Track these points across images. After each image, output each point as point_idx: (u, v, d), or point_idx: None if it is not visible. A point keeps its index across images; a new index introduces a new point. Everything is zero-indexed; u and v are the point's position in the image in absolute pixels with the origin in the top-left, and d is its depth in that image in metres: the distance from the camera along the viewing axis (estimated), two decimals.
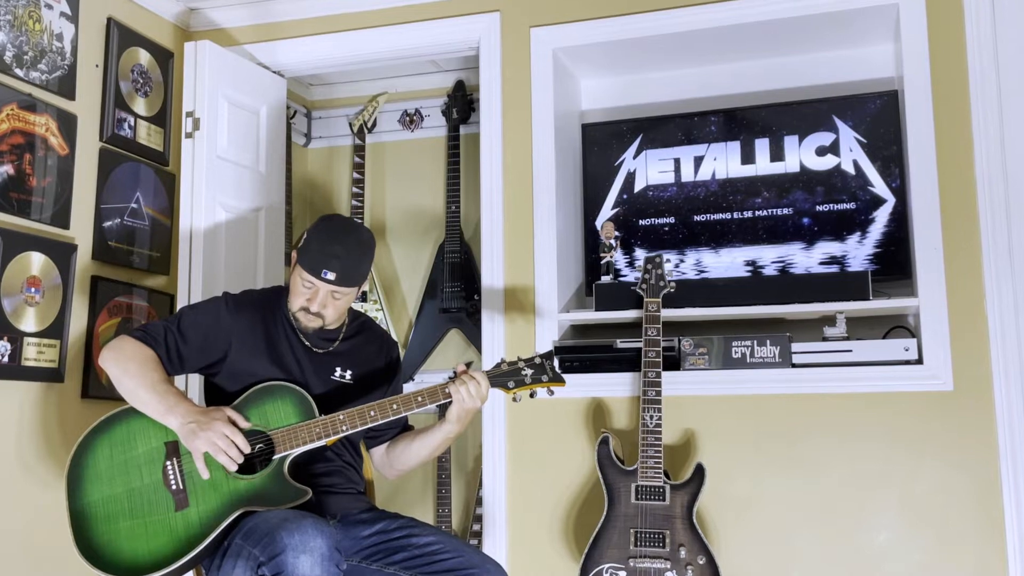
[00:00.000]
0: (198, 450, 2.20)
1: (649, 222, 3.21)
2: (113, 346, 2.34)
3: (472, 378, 2.31)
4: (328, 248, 2.33)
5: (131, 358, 2.30)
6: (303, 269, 2.35)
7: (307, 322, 2.39)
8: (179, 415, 2.23)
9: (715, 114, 3.18)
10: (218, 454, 2.19)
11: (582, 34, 3.13)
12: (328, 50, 3.38)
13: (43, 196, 2.85)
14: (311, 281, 2.35)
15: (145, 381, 2.26)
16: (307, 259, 2.34)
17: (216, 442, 2.18)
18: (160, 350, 2.34)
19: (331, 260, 2.32)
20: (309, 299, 2.36)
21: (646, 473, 2.72)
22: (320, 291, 2.35)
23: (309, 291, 2.36)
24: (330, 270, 2.32)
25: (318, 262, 2.33)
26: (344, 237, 2.37)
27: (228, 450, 2.18)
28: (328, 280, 2.33)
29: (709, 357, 2.87)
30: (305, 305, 2.37)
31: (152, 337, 2.35)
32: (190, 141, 3.10)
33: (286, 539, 2.02)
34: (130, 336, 2.35)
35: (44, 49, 2.88)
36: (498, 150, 3.17)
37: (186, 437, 2.21)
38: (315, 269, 2.33)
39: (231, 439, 2.19)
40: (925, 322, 2.74)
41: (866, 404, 2.77)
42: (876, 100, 3.02)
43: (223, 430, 2.19)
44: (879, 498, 2.75)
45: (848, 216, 3.02)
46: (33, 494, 2.79)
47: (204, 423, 2.20)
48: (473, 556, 2.30)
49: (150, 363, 2.30)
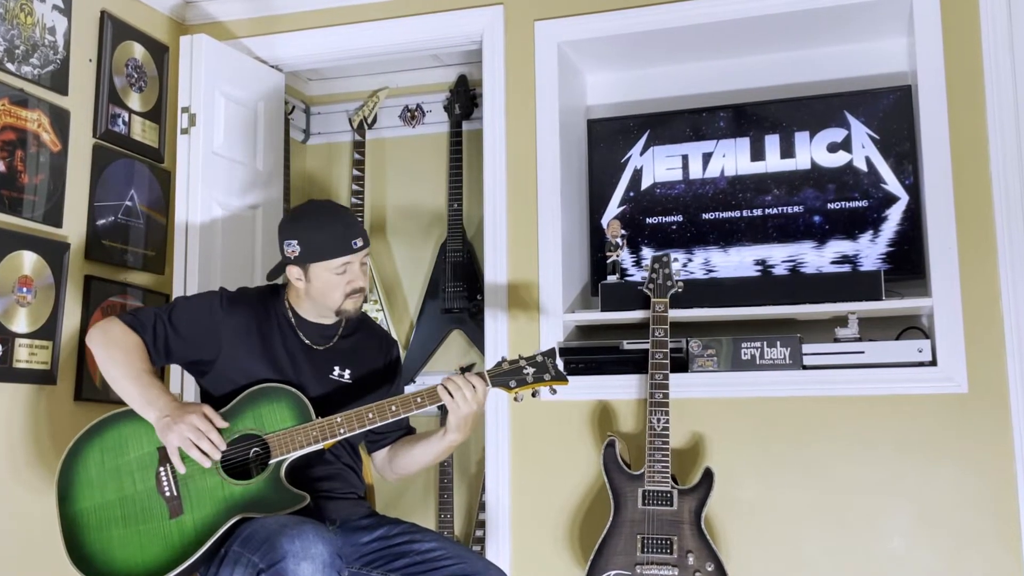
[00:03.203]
0: (171, 445, 2.19)
1: (656, 220, 3.21)
2: (101, 327, 2.34)
3: (466, 383, 2.27)
4: (336, 227, 2.35)
5: (117, 343, 2.30)
6: (328, 260, 2.33)
7: (355, 304, 2.40)
8: (157, 409, 2.22)
9: (724, 110, 3.18)
10: (190, 449, 2.17)
11: (588, 27, 3.12)
12: (327, 44, 3.38)
13: (35, 194, 2.84)
14: (344, 262, 2.34)
15: (130, 371, 2.26)
16: (326, 249, 2.33)
17: (187, 436, 2.17)
18: (147, 337, 2.33)
19: (348, 230, 2.35)
20: (350, 280, 2.36)
21: (653, 477, 2.72)
22: (355, 264, 2.37)
23: (344, 275, 2.36)
24: (356, 237, 2.35)
25: (341, 241, 2.34)
26: (335, 211, 2.43)
27: (199, 442, 2.16)
28: (359, 248, 2.36)
29: (718, 359, 2.86)
30: (349, 289, 2.37)
31: (141, 323, 2.35)
32: (186, 137, 3.09)
33: (286, 545, 2.00)
34: (120, 319, 2.35)
35: (36, 43, 2.87)
36: (501, 146, 3.16)
37: (161, 432, 2.21)
38: (342, 248, 2.33)
39: (203, 433, 2.17)
40: (939, 323, 2.73)
41: (879, 407, 2.77)
42: (889, 95, 3.02)
43: (196, 423, 2.18)
44: (892, 503, 2.74)
45: (860, 214, 3.03)
46: (24, 500, 2.77)
47: (177, 417, 2.19)
48: (476, 562, 2.30)
49: (136, 351, 2.30)
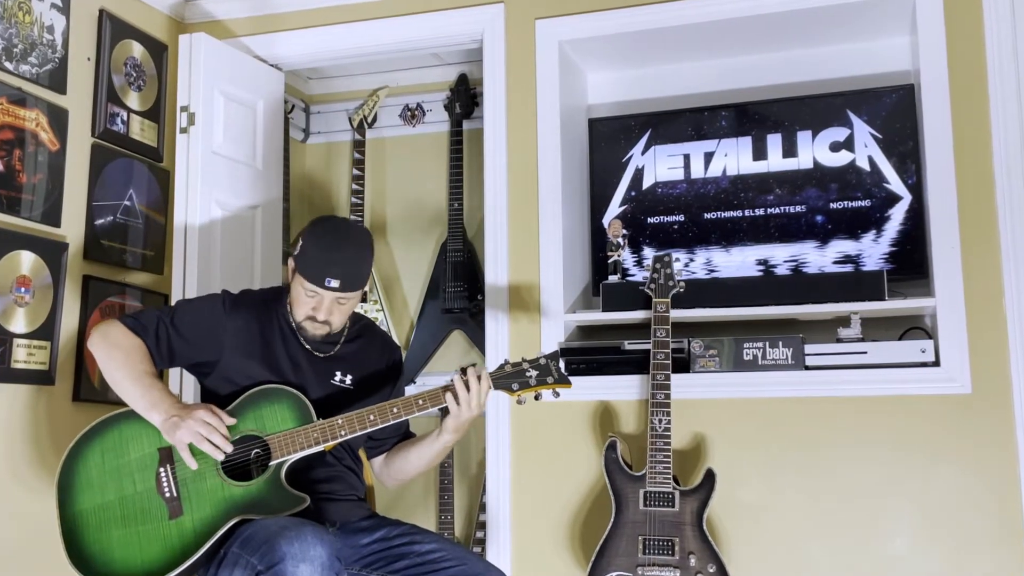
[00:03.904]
0: (181, 441, 2.18)
1: (658, 220, 3.20)
2: (102, 330, 2.32)
3: (466, 387, 2.25)
4: (328, 255, 2.29)
5: (118, 346, 2.28)
6: (304, 279, 2.31)
7: (314, 330, 2.36)
8: (162, 410, 2.21)
9: (726, 109, 3.17)
10: (202, 443, 2.17)
11: (589, 26, 3.11)
12: (327, 43, 3.36)
13: (33, 193, 2.83)
14: (314, 290, 2.30)
15: (131, 372, 2.25)
16: (307, 268, 2.30)
17: (198, 431, 2.16)
18: (150, 341, 2.32)
19: (332, 267, 2.28)
20: (315, 307, 2.32)
21: (655, 479, 2.71)
22: (325, 299, 2.31)
23: (313, 299, 2.32)
24: (333, 278, 2.28)
25: (320, 271, 2.28)
26: (343, 241, 2.34)
27: (211, 436, 2.16)
28: (332, 288, 2.28)
29: (720, 359, 2.85)
30: (311, 314, 2.33)
31: (143, 326, 2.33)
32: (185, 136, 3.08)
33: (285, 547, 1.99)
34: (121, 322, 2.33)
35: (34, 42, 2.85)
36: (502, 146, 3.15)
37: (168, 431, 2.19)
38: (317, 278, 2.28)
39: (213, 426, 2.17)
40: (942, 323, 2.72)
41: (881, 407, 2.76)
42: (892, 94, 3.01)
43: (204, 417, 2.18)
44: (894, 504, 2.73)
45: (863, 214, 3.01)
46: (22, 501, 2.76)
47: (185, 415, 2.18)
48: (476, 564, 2.29)
49: (137, 353, 2.28)
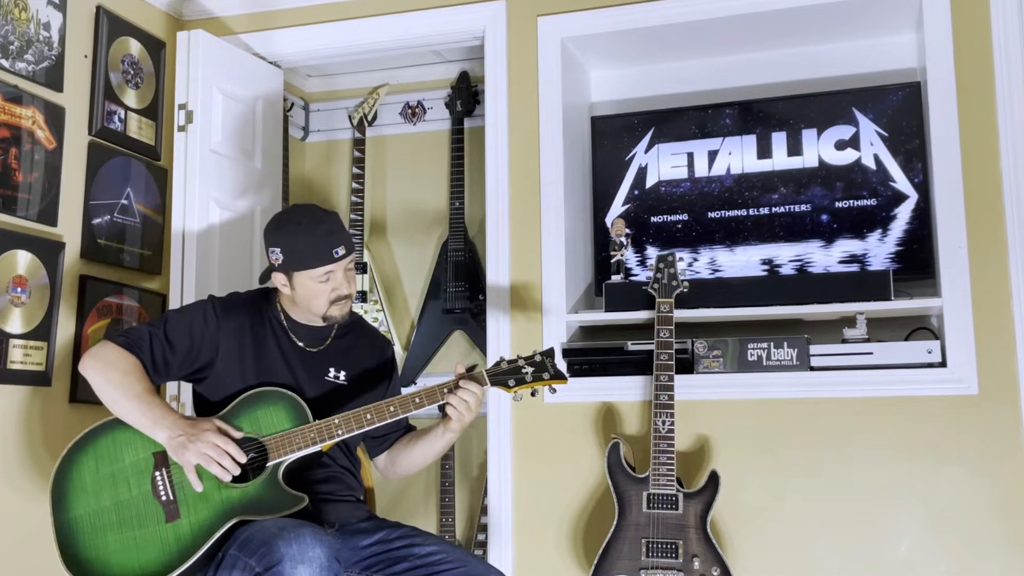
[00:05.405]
0: (189, 463, 2.17)
1: (661, 219, 3.18)
2: (94, 353, 2.29)
3: (468, 391, 2.27)
4: (318, 234, 2.31)
5: (113, 366, 2.25)
6: (311, 269, 2.31)
7: (341, 310, 2.38)
8: (166, 428, 2.19)
9: (730, 106, 3.16)
10: (210, 465, 2.16)
11: (591, 23, 3.10)
12: (327, 40, 3.36)
13: (29, 192, 2.81)
14: (327, 271, 2.32)
15: (129, 392, 2.22)
16: (308, 258, 2.31)
17: (207, 452, 2.15)
18: (144, 357, 2.29)
19: (330, 238, 2.31)
20: (334, 288, 2.34)
21: (658, 481, 2.70)
22: (338, 272, 2.34)
23: (329, 282, 2.33)
24: (337, 246, 2.31)
25: (323, 250, 2.30)
26: (318, 218, 2.36)
27: (221, 459, 2.15)
28: (341, 256, 2.32)
29: (724, 360, 2.85)
30: (335, 295, 2.35)
31: (136, 344, 2.30)
32: (183, 134, 3.06)
33: (283, 548, 1.98)
34: (112, 342, 2.30)
35: (31, 39, 2.84)
36: (504, 144, 3.14)
37: (175, 451, 2.18)
38: (324, 257, 2.31)
39: (223, 448, 2.16)
40: (949, 323, 2.71)
41: (887, 408, 2.75)
42: (898, 92, 3.00)
43: (214, 440, 2.17)
44: (901, 507, 2.73)
45: (869, 213, 3.00)
46: (17, 503, 2.74)
47: (193, 435, 2.17)
48: (477, 566, 2.28)
49: (134, 372, 2.25)
